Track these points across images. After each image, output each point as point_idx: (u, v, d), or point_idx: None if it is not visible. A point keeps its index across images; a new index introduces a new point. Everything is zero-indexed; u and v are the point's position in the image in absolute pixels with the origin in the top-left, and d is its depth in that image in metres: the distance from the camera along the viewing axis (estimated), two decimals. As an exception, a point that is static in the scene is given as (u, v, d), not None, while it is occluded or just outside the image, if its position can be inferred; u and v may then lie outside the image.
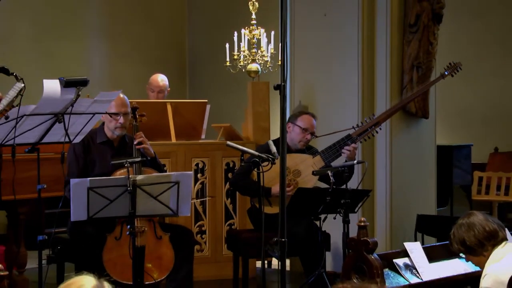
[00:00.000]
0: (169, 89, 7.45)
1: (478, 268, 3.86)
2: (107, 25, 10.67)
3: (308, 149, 6.06)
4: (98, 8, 10.57)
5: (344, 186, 5.42)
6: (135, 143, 5.37)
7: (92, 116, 5.03)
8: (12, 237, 5.99)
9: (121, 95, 5.39)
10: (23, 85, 4.68)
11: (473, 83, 9.77)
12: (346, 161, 5.75)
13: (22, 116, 4.66)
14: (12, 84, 4.78)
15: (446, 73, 6.13)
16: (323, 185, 5.79)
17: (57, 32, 9.90)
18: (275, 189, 5.58)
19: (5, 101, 4.79)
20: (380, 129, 6.17)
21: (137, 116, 5.54)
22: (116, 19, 10.72)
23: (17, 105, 4.72)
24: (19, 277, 5.96)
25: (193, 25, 11.68)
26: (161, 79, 7.38)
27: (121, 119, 5.39)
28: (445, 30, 7.31)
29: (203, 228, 6.90)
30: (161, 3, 11.32)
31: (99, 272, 2.43)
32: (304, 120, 6.02)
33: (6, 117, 4.64)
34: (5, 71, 4.68)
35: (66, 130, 4.88)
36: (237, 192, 6.78)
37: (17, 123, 4.66)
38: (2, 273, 2.54)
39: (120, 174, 5.17)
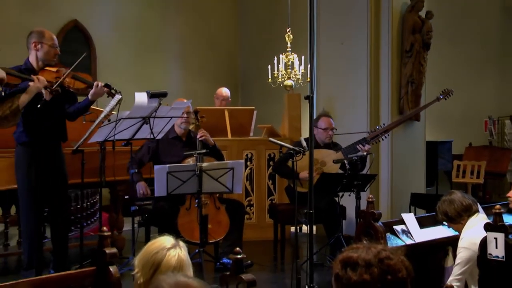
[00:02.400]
0: (230, 99, 7.46)
1: (456, 233, 3.81)
2: (181, 50, 10.71)
3: (334, 146, 6.01)
4: (175, 38, 10.61)
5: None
6: (198, 136, 5.43)
7: (170, 119, 5.08)
8: (113, 207, 6.07)
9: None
10: (120, 96, 4.75)
11: (454, 93, 9.62)
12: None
13: (119, 119, 4.73)
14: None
15: (441, 97, 5.99)
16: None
17: (145, 57, 9.98)
18: (302, 174, 5.50)
19: (108, 108, 4.87)
20: (388, 135, 6.08)
21: (199, 118, 5.59)
22: (187, 46, 10.75)
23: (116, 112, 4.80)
24: (118, 236, 6.04)
25: (244, 51, 11.70)
26: (225, 91, 7.42)
27: (185, 117, 5.48)
28: (434, 53, 7.23)
29: (251, 202, 6.92)
30: (220, 34, 11.33)
31: (176, 234, 2.45)
32: (323, 121, 5.95)
33: (109, 120, 4.72)
34: (108, 86, 4.76)
35: (151, 129, 4.94)
36: (277, 176, 6.79)
37: (116, 124, 4.74)
38: (106, 234, 2.59)
39: (188, 162, 5.23)
